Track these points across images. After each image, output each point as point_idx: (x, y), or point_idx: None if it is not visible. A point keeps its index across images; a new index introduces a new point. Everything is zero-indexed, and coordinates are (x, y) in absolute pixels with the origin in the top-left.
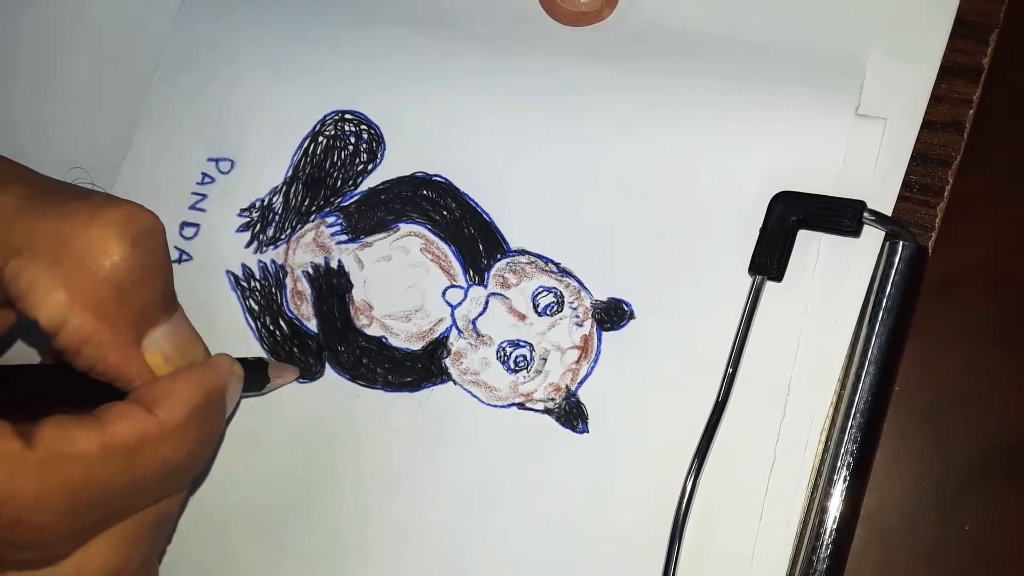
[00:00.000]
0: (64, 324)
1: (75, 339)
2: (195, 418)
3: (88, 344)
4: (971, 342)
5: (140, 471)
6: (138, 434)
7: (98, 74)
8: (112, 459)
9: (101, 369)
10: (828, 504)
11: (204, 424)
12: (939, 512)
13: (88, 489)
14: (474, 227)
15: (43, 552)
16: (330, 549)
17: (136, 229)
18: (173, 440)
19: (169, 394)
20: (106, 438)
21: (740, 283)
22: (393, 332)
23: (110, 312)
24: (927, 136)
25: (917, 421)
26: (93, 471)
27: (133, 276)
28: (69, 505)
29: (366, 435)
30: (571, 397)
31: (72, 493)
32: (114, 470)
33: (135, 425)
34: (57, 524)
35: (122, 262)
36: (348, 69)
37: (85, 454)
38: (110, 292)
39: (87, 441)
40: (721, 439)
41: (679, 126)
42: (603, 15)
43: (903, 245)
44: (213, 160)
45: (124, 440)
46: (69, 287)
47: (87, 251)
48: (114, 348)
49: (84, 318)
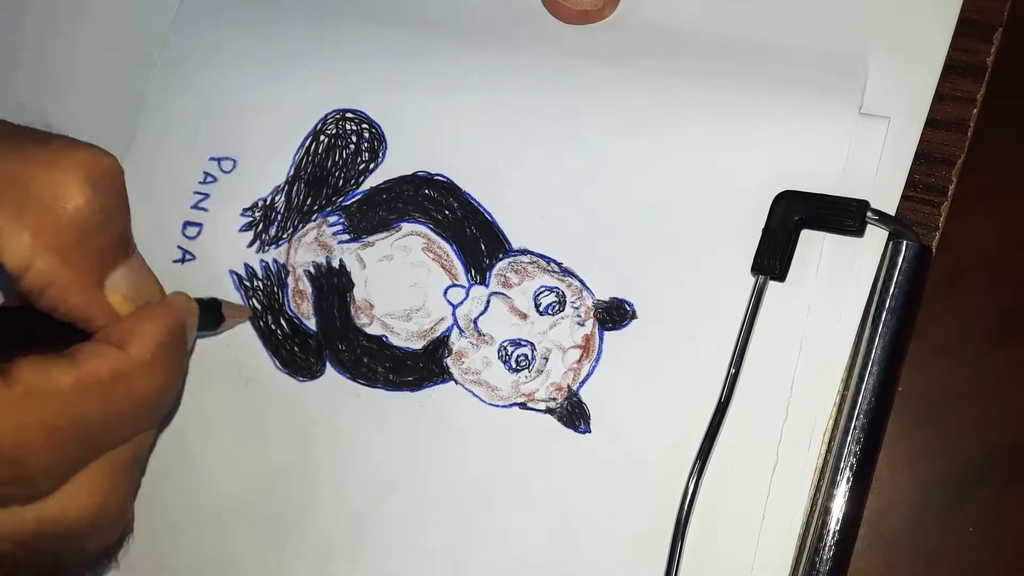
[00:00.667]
0: (29, 267)
1: (40, 281)
2: (161, 354)
3: (52, 286)
4: (974, 342)
5: (115, 406)
6: (111, 370)
7: (98, 73)
8: (88, 395)
9: (64, 310)
10: (831, 505)
11: (170, 359)
12: (942, 513)
13: (67, 424)
14: (476, 226)
15: (27, 488)
16: (330, 548)
17: (97, 172)
18: (144, 375)
19: (137, 332)
20: (81, 375)
21: (743, 283)
22: (394, 331)
23: (73, 254)
24: (931, 135)
25: (920, 422)
26: (71, 407)
27: (95, 218)
28: (49, 440)
29: (367, 434)
30: (573, 397)
31: (52, 428)
32: (91, 406)
33: (108, 362)
34: (39, 459)
35: (84, 205)
36: (349, 68)
37: (62, 390)
38: (73, 235)
39: (63, 378)
40: (723, 439)
41: (682, 125)
42: (605, 14)
43: (907, 245)
44: (215, 159)
45: (98, 376)
46: (33, 230)
47: (50, 195)
48: (78, 289)
49: (49, 260)
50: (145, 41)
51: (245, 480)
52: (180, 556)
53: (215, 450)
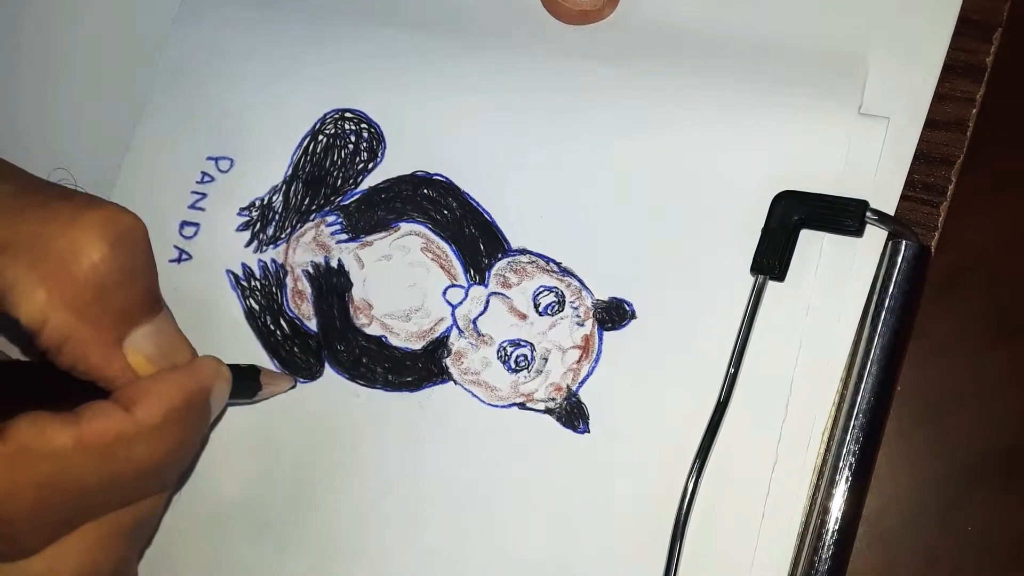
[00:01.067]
0: (45, 323)
1: (56, 338)
2: (173, 419)
3: (69, 343)
4: (973, 342)
5: (114, 470)
6: (113, 432)
7: (97, 73)
8: (85, 456)
9: (83, 368)
10: (830, 504)
11: (183, 426)
12: (941, 512)
13: (59, 484)
14: (475, 226)
15: (12, 545)
16: (329, 549)
17: (117, 231)
18: (150, 440)
19: (148, 393)
20: (80, 435)
21: (742, 283)
22: (393, 331)
23: (91, 312)
24: (930, 135)
25: (919, 421)
26: (65, 467)
27: (113, 277)
28: (39, 499)
29: (366, 435)
30: (572, 397)
31: (42, 487)
32: (87, 467)
33: (111, 423)
34: (26, 518)
35: (102, 263)
36: (348, 67)
37: (57, 449)
38: (90, 292)
39: (60, 437)
40: (723, 439)
41: (681, 125)
42: (604, 14)
43: (906, 245)
44: (213, 159)
45: (99, 438)
46: (50, 286)
47: (68, 251)
48: (95, 347)
49: (64, 317)
50: (144, 41)
51: (244, 481)
52: (178, 557)
53: (213, 451)
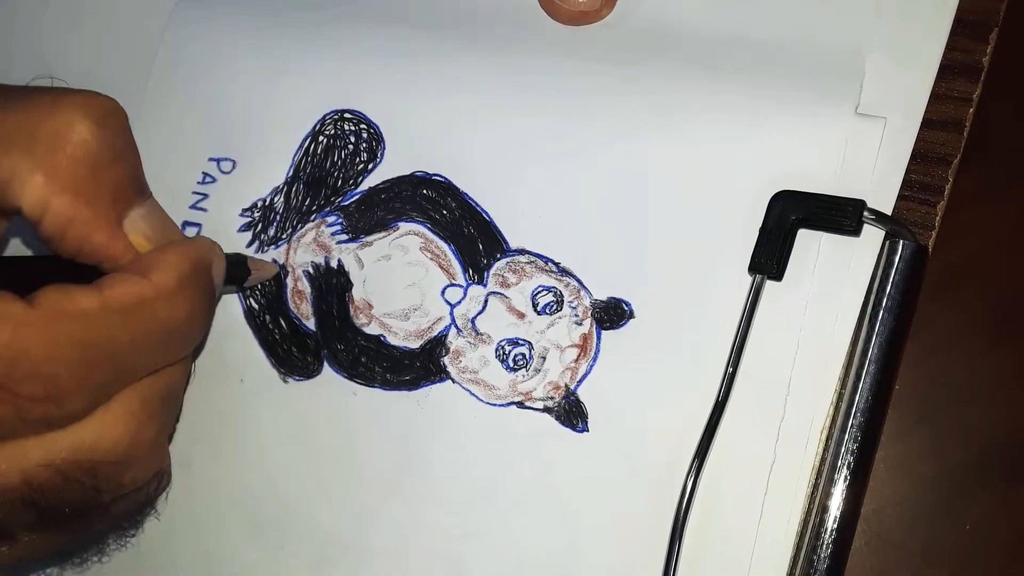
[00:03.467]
0: (46, 208)
1: (59, 222)
2: (186, 283)
3: (72, 226)
4: (970, 341)
5: (141, 330)
6: (135, 295)
7: (95, 73)
8: (113, 317)
9: (88, 251)
10: (828, 503)
11: (195, 290)
12: (939, 511)
13: (94, 343)
14: (474, 226)
15: (60, 406)
16: (328, 548)
17: (99, 110)
18: (169, 302)
19: (160, 261)
20: (105, 298)
21: (740, 282)
22: (392, 331)
23: (88, 192)
24: (927, 135)
25: (917, 420)
26: (96, 327)
27: (104, 154)
28: (78, 357)
29: (363, 433)
30: (570, 396)
31: (78, 345)
32: (116, 327)
33: (131, 287)
34: (69, 375)
35: (91, 140)
36: (348, 68)
37: (87, 311)
38: (84, 171)
39: (87, 300)
40: (721, 438)
41: (678, 125)
42: (602, 15)
43: (903, 244)
44: (214, 160)
45: (122, 300)
46: (46, 170)
47: (56, 134)
48: (98, 227)
49: (64, 199)
50: (143, 41)
51: (242, 479)
52: (176, 556)
53: (210, 450)
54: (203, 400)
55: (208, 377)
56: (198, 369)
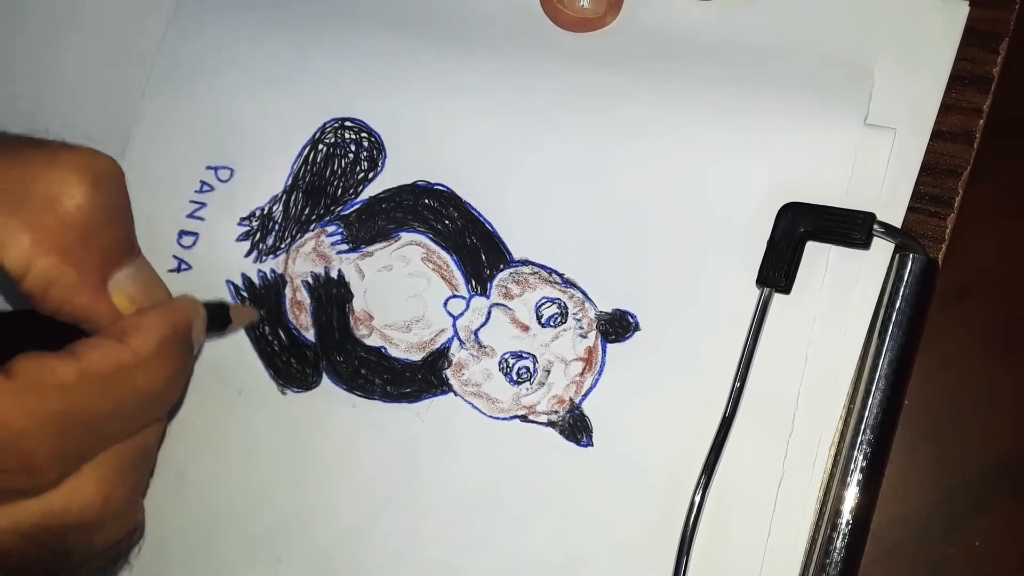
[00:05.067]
0: (29, 268)
1: (41, 282)
2: (165, 348)
3: (54, 286)
4: (980, 355)
5: (118, 398)
6: (113, 363)
7: (93, 80)
8: (90, 386)
9: (68, 311)
10: (838, 520)
11: (174, 355)
12: (948, 528)
13: (71, 415)
14: (476, 236)
15: (32, 479)
16: (326, 562)
17: (95, 171)
18: (147, 368)
19: (138, 326)
20: (82, 367)
21: (747, 295)
22: (393, 342)
23: (75, 254)
24: (936, 146)
25: (926, 435)
26: (73, 398)
27: (96, 217)
28: (54, 430)
29: (362, 446)
30: (575, 410)
31: (56, 418)
32: (93, 397)
33: (109, 355)
34: (44, 449)
35: (85, 203)
36: (348, 76)
37: (64, 382)
38: (74, 234)
39: (64, 370)
40: (729, 454)
41: (685, 135)
42: (606, 21)
43: (913, 258)
44: (212, 168)
45: (100, 368)
46: (33, 231)
47: (49, 194)
48: (81, 289)
49: (49, 261)
50: (141, 48)
51: (240, 491)
52: (172, 570)
53: (207, 462)
54: (201, 412)
55: (206, 389)
56: (196, 380)
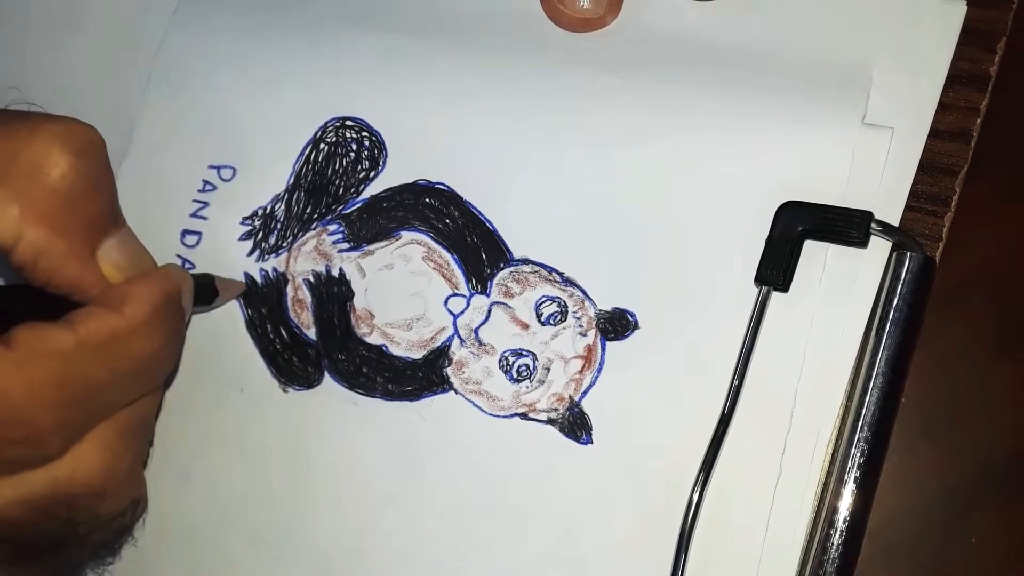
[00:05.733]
0: (19, 239)
1: (31, 252)
2: (158, 315)
3: (44, 256)
4: (976, 353)
5: (116, 365)
6: (109, 330)
7: (96, 79)
8: (88, 354)
9: (58, 281)
10: (835, 517)
11: (167, 321)
12: (945, 526)
13: (71, 383)
14: (477, 235)
15: (37, 448)
16: (327, 560)
17: (78, 140)
18: (142, 334)
19: (131, 294)
20: (80, 336)
21: (746, 294)
22: (394, 341)
23: (63, 223)
24: (934, 145)
25: (922, 433)
26: (73, 366)
27: (81, 186)
28: (55, 399)
29: (364, 444)
30: (575, 407)
31: (57, 387)
32: (92, 365)
33: (105, 323)
34: (47, 418)
35: (69, 171)
36: (349, 75)
37: (63, 350)
38: (61, 203)
39: (62, 339)
40: (727, 451)
41: (684, 134)
42: (607, 21)
43: (911, 257)
44: (215, 167)
45: (97, 336)
46: (20, 201)
47: (34, 164)
48: (70, 259)
49: (38, 231)
50: (142, 48)
51: (240, 489)
52: (173, 568)
53: (209, 460)
54: (203, 410)
55: (208, 387)
56: (198, 379)
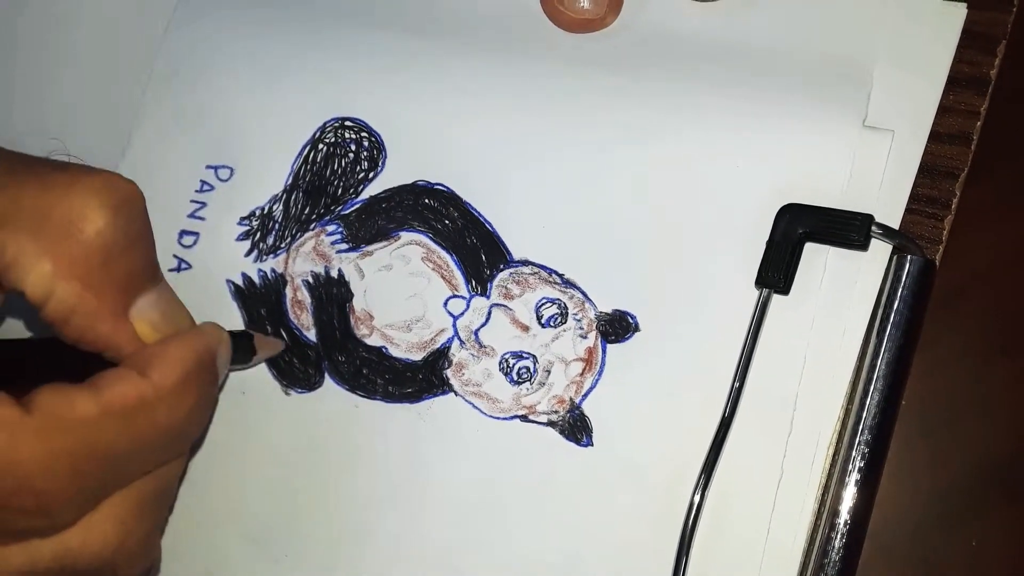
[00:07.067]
0: (51, 295)
1: (63, 309)
2: (189, 381)
3: (76, 314)
4: (976, 356)
5: (139, 434)
6: (135, 397)
7: (93, 79)
8: (111, 423)
9: (90, 339)
10: (836, 519)
11: (198, 387)
12: (945, 527)
13: (89, 453)
14: (476, 237)
15: (49, 519)
16: (327, 562)
17: (117, 196)
18: (169, 402)
19: (162, 357)
20: (104, 402)
21: (746, 296)
22: (394, 342)
23: (97, 280)
24: (934, 148)
25: (923, 434)
26: (93, 435)
27: (117, 243)
28: (72, 469)
29: (365, 446)
30: (575, 410)
31: (74, 457)
32: (114, 434)
33: (131, 388)
34: (61, 489)
35: (105, 228)
36: (349, 75)
37: (84, 418)
38: (96, 260)
39: (85, 405)
40: (728, 454)
41: (684, 136)
42: (607, 22)
43: (911, 260)
44: (212, 167)
45: (122, 403)
46: (54, 257)
47: (70, 219)
48: (102, 317)
49: (71, 287)
50: (140, 47)
51: (241, 491)
52: (174, 568)
53: (211, 462)
54: None
55: None
56: None
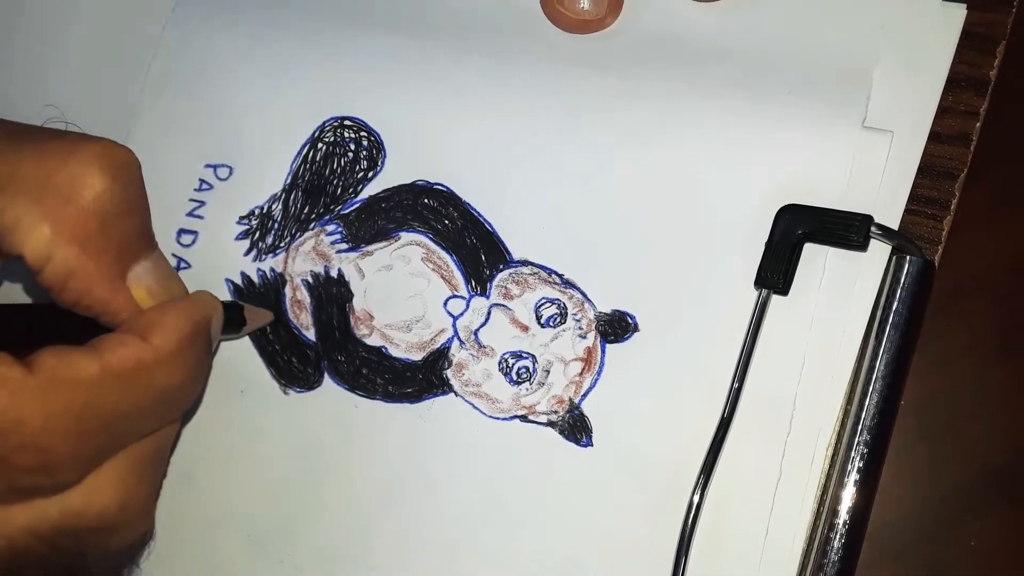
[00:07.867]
0: (49, 259)
1: (60, 273)
2: (186, 346)
3: (74, 278)
4: (976, 357)
5: (138, 396)
6: (135, 360)
7: (92, 77)
8: (112, 384)
9: (87, 303)
10: (835, 520)
11: (194, 352)
12: (944, 528)
13: (91, 413)
14: (476, 237)
15: (51, 477)
16: (328, 562)
17: (114, 162)
18: (167, 366)
19: (160, 323)
20: (104, 364)
21: (745, 297)
22: (394, 342)
23: (94, 245)
24: (934, 149)
25: (922, 436)
26: (94, 396)
27: (115, 208)
28: (74, 428)
29: (365, 446)
30: (574, 410)
31: (75, 417)
32: (114, 395)
33: (131, 351)
34: (64, 447)
35: (104, 193)
36: (348, 74)
37: (86, 379)
38: (93, 225)
39: (87, 366)
40: (727, 454)
41: (684, 136)
42: (607, 23)
43: (910, 260)
44: (211, 166)
45: (122, 366)
46: (53, 221)
47: (69, 185)
48: (100, 281)
49: (69, 251)
50: (139, 46)
51: (241, 491)
52: (172, 570)
53: (210, 463)
54: (204, 412)
55: (208, 389)
56: None
